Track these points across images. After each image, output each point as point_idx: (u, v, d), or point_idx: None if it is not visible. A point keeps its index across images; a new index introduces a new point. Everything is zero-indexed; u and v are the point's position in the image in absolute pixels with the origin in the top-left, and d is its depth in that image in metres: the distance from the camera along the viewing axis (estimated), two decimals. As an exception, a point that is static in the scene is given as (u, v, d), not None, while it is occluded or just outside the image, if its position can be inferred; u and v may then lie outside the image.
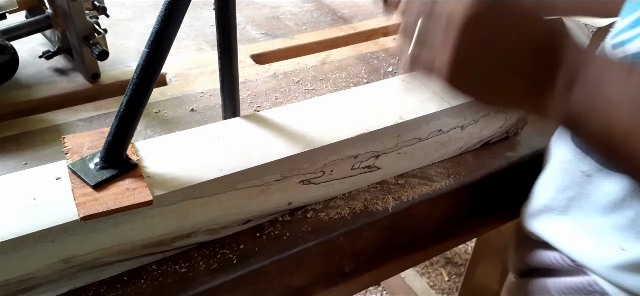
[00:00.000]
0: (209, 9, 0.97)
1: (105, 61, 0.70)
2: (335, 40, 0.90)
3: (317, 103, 0.58)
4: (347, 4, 0.99)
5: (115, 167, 0.45)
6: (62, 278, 0.44)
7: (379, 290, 1.60)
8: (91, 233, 0.43)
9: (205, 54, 0.83)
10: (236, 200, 0.49)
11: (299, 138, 0.51)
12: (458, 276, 1.66)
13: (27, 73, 0.74)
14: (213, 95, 0.71)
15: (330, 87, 0.75)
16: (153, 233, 0.46)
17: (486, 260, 0.98)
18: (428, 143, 0.59)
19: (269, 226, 0.53)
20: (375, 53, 0.85)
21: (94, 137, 0.49)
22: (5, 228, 0.40)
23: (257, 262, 0.49)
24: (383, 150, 0.56)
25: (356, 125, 0.54)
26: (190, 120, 0.66)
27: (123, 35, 0.87)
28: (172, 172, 0.46)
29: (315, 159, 0.52)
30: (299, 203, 0.54)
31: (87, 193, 0.43)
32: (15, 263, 0.41)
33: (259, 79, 0.76)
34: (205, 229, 0.49)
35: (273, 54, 0.85)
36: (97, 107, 0.67)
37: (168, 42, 0.44)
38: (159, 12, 0.44)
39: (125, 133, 0.45)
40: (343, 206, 0.55)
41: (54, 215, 0.41)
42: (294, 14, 0.98)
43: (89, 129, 0.62)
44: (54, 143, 0.60)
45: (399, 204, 0.57)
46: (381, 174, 0.58)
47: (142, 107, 0.45)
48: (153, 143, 0.50)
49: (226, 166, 0.47)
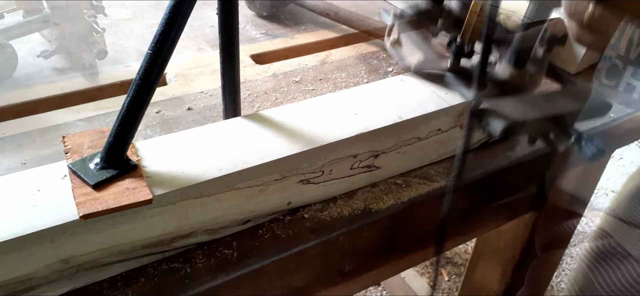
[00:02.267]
0: (209, 9, 0.97)
1: (105, 61, 0.70)
2: (335, 40, 0.90)
3: (317, 103, 0.58)
4: (347, 3, 0.99)
5: (115, 167, 0.45)
6: (62, 278, 0.44)
7: (379, 290, 1.60)
8: (90, 233, 0.43)
9: (205, 53, 0.83)
10: (235, 200, 0.49)
11: (298, 138, 0.51)
12: (458, 276, 1.66)
13: (26, 73, 0.74)
14: (213, 95, 0.71)
15: (330, 87, 0.75)
16: (152, 233, 0.46)
17: (486, 260, 0.98)
18: (427, 142, 0.59)
19: (269, 226, 0.53)
20: (375, 53, 0.85)
21: (94, 137, 0.49)
22: (5, 229, 0.40)
23: (257, 262, 0.49)
24: (382, 149, 0.56)
25: (355, 124, 0.54)
26: (190, 120, 0.66)
27: (123, 35, 0.87)
28: (172, 172, 0.46)
29: (315, 159, 0.52)
30: (298, 203, 0.54)
31: (87, 193, 0.43)
32: (15, 263, 0.41)
33: (259, 79, 0.76)
34: (205, 229, 0.49)
35: (273, 53, 0.85)
36: (97, 107, 0.67)
37: (171, 45, 0.44)
38: (163, 15, 0.44)
39: (126, 134, 0.45)
40: (343, 206, 0.55)
41: (53, 215, 0.41)
42: (294, 13, 0.98)
43: (89, 129, 0.62)
44: (53, 143, 0.60)
45: (399, 204, 0.56)
46: (381, 174, 0.58)
47: (143, 109, 0.45)
48: (153, 143, 0.50)
49: (225, 166, 0.47)
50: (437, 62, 0.51)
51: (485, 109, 0.46)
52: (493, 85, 0.51)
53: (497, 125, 0.45)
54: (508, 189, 0.69)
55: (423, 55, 0.52)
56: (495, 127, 0.45)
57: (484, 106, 0.47)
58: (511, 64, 0.51)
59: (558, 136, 0.48)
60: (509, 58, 0.51)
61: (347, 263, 0.58)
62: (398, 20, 0.56)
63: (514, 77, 0.51)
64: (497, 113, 0.46)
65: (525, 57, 0.51)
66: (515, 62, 0.51)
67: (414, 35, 0.54)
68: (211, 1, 0.99)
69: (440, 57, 0.52)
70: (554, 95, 0.50)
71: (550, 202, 0.79)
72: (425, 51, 0.52)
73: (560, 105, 0.49)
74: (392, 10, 0.58)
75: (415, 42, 0.53)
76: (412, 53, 0.52)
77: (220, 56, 0.54)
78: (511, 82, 0.51)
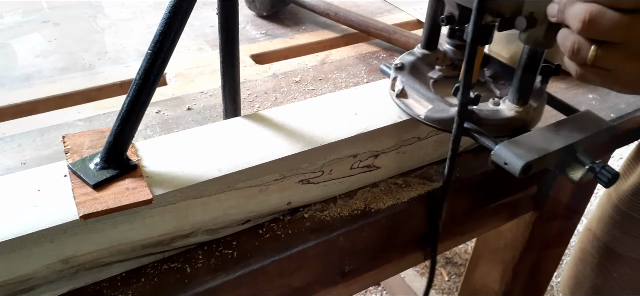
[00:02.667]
0: (209, 9, 0.97)
1: (105, 61, 0.70)
2: (335, 40, 0.90)
3: (317, 103, 0.58)
4: (347, 3, 0.99)
5: (115, 167, 0.45)
6: (62, 278, 0.44)
7: (379, 290, 1.61)
8: (90, 233, 0.43)
9: (205, 53, 0.83)
10: (235, 200, 0.49)
11: (298, 138, 0.51)
12: (458, 276, 1.66)
13: (26, 73, 0.74)
14: (213, 95, 0.71)
15: (330, 87, 0.75)
16: (152, 233, 0.46)
17: (486, 260, 0.98)
18: (427, 142, 0.59)
19: (269, 226, 0.53)
20: (375, 53, 0.85)
21: (93, 137, 0.49)
22: (5, 229, 0.40)
23: (257, 262, 0.49)
24: (382, 149, 0.56)
25: (355, 124, 0.54)
26: (190, 120, 0.66)
27: (123, 35, 0.87)
28: (172, 172, 0.46)
29: (315, 159, 0.52)
30: (298, 203, 0.54)
31: (87, 193, 0.43)
32: (15, 263, 0.41)
33: (258, 79, 0.76)
34: (205, 229, 0.49)
35: (273, 53, 0.85)
36: (97, 107, 0.67)
37: (171, 45, 0.44)
38: (163, 15, 0.44)
39: (126, 134, 0.45)
40: (343, 206, 0.55)
41: (53, 215, 0.41)
42: (294, 13, 0.98)
43: (89, 129, 0.62)
44: (53, 143, 0.60)
45: (399, 204, 0.56)
46: (381, 174, 0.58)
47: (143, 109, 0.45)
48: (153, 143, 0.50)
49: (225, 166, 0.47)
50: (446, 110, 0.52)
51: (502, 152, 0.47)
52: (501, 127, 0.52)
53: (516, 165, 0.46)
54: (508, 189, 0.69)
55: (430, 104, 0.53)
56: (515, 168, 0.46)
57: (500, 150, 0.47)
58: (515, 102, 0.52)
59: (572, 166, 0.49)
60: (512, 96, 0.52)
61: (347, 263, 0.58)
62: (400, 73, 0.58)
63: (521, 113, 0.52)
64: (513, 153, 0.47)
65: (528, 91, 0.51)
66: (519, 99, 0.52)
67: (417, 84, 0.56)
68: (211, 1, 0.99)
69: (447, 104, 0.53)
70: (562, 125, 0.51)
71: (550, 201, 0.79)
72: (431, 100, 0.54)
73: (570, 135, 0.49)
74: (392, 63, 0.60)
75: (420, 92, 0.55)
76: (419, 103, 0.54)
77: (220, 56, 0.54)
78: (519, 119, 0.52)
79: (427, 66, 0.60)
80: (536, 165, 0.46)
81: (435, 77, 0.59)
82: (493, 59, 0.62)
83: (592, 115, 0.53)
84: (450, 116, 0.51)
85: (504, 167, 0.47)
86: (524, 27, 0.46)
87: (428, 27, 0.59)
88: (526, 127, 0.53)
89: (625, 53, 0.40)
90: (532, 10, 0.45)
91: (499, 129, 0.52)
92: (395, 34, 0.85)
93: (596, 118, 0.52)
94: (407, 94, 0.56)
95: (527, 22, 0.45)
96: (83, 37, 0.85)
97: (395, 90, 0.57)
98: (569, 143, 0.48)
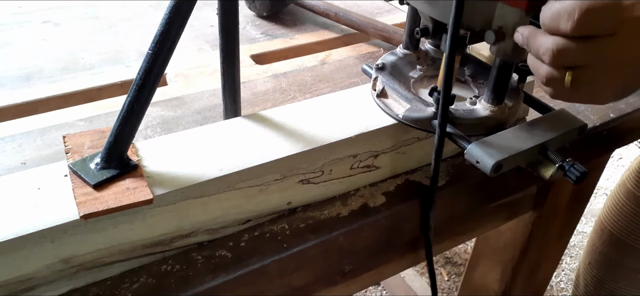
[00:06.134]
0: (209, 9, 0.97)
1: (105, 61, 0.70)
2: (335, 41, 0.90)
3: (317, 103, 0.58)
4: (347, 3, 0.99)
5: (115, 167, 0.45)
6: (62, 278, 0.44)
7: (379, 289, 1.61)
8: (91, 233, 0.43)
9: (205, 53, 0.83)
10: (235, 200, 0.49)
11: (298, 138, 0.51)
12: (458, 276, 1.66)
13: (26, 73, 0.74)
14: (213, 95, 0.71)
15: (330, 87, 0.75)
16: (153, 233, 0.46)
17: (486, 259, 0.98)
18: (427, 142, 0.59)
19: (269, 226, 0.53)
20: (375, 53, 0.85)
21: (94, 137, 0.49)
22: (5, 229, 0.40)
23: (257, 262, 0.49)
24: (382, 149, 0.56)
25: (355, 124, 0.54)
26: (190, 120, 0.66)
27: (123, 35, 0.87)
28: (172, 172, 0.46)
29: (315, 159, 0.52)
30: (298, 202, 0.54)
31: (88, 193, 0.43)
32: (15, 263, 0.41)
33: (259, 79, 0.76)
34: (205, 229, 0.50)
35: (273, 54, 0.85)
36: (97, 107, 0.68)
37: (171, 45, 0.45)
38: (163, 15, 0.44)
39: (126, 134, 0.45)
40: (342, 206, 0.56)
41: (53, 215, 0.41)
42: (294, 13, 0.98)
43: (89, 129, 0.62)
44: (54, 143, 0.60)
45: (399, 204, 0.57)
46: (380, 173, 0.58)
47: (144, 109, 0.45)
48: (153, 143, 0.50)
49: (225, 166, 0.48)
50: (423, 110, 0.53)
51: (474, 150, 0.48)
52: (476, 125, 0.53)
53: (487, 164, 0.47)
54: (507, 189, 0.69)
55: (408, 104, 0.54)
56: (486, 166, 0.47)
57: (472, 149, 0.48)
58: (490, 102, 0.53)
59: (543, 164, 0.50)
60: (487, 96, 0.53)
61: (347, 263, 0.59)
62: (380, 73, 0.59)
63: (495, 113, 0.53)
64: (484, 152, 0.48)
65: (503, 92, 0.52)
66: (494, 99, 0.53)
67: (397, 85, 0.57)
68: (211, 1, 0.99)
69: (425, 103, 0.54)
70: (535, 124, 0.52)
71: (550, 201, 0.79)
72: (410, 100, 0.55)
73: (541, 134, 0.51)
74: (374, 63, 0.61)
75: (399, 93, 0.56)
76: (398, 103, 0.55)
77: (221, 56, 0.54)
78: (493, 118, 0.53)
79: (409, 65, 0.61)
80: (507, 163, 0.47)
81: (415, 77, 0.60)
82: (472, 57, 0.63)
83: (566, 114, 0.54)
84: (427, 116, 0.52)
85: (477, 165, 0.48)
86: (493, 41, 0.47)
87: (408, 29, 0.60)
88: (502, 126, 0.53)
89: (596, 71, 0.42)
90: (501, 25, 0.47)
91: (474, 128, 0.53)
92: (395, 34, 0.85)
93: (570, 117, 0.53)
94: (387, 94, 0.57)
95: (495, 36, 0.47)
96: (83, 37, 0.85)
97: (376, 90, 0.57)
98: (539, 142, 0.49)
